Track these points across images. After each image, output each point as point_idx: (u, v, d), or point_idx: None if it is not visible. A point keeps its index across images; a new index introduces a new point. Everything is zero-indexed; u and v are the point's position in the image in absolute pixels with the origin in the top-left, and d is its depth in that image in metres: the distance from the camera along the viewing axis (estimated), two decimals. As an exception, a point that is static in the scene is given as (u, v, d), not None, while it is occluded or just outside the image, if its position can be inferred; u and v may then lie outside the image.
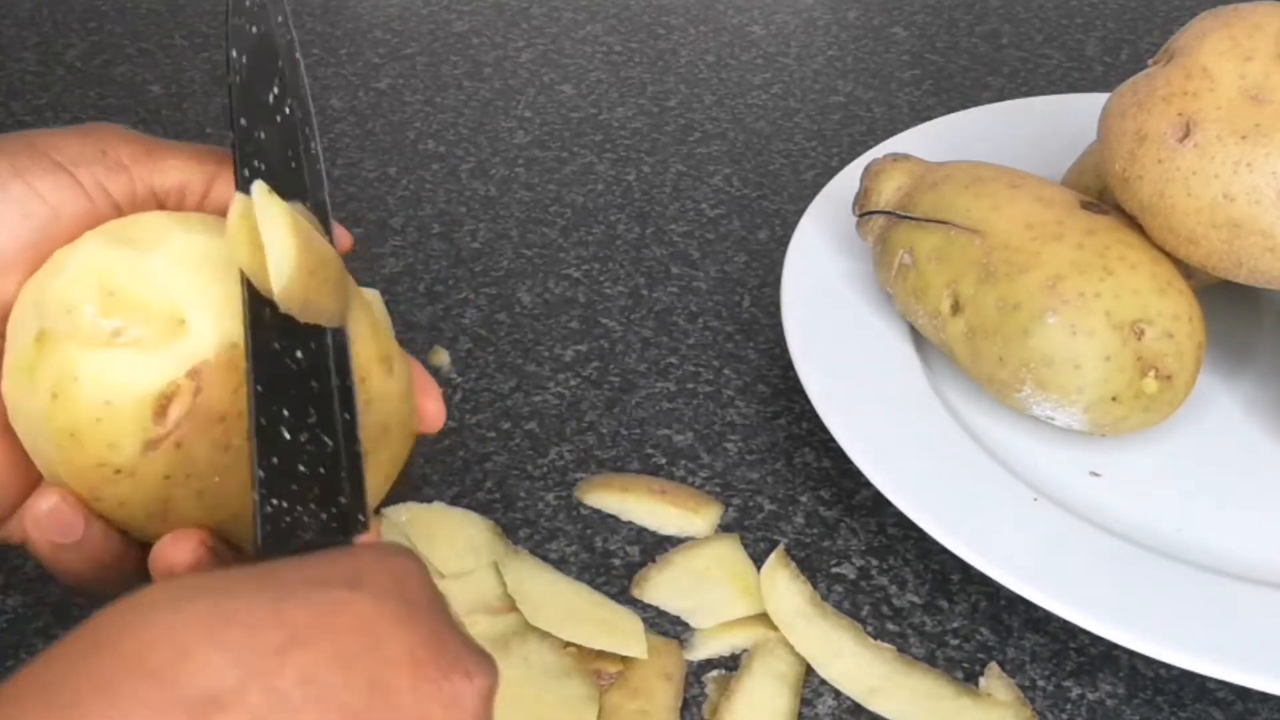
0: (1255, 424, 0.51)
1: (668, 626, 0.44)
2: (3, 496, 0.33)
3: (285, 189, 0.32)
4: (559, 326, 0.57)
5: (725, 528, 0.48)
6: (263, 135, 0.34)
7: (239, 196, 0.31)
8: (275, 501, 0.30)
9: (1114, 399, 0.45)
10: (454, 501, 0.48)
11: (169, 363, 0.31)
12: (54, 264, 0.32)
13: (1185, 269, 0.47)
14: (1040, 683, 0.43)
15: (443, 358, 0.54)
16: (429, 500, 0.47)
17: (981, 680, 0.43)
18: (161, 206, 0.35)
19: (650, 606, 0.44)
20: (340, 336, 0.32)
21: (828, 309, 0.53)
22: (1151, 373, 0.44)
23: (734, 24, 0.80)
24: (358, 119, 0.70)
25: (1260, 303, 0.56)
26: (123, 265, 0.32)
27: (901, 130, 0.64)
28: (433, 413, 0.37)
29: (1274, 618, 0.42)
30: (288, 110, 0.34)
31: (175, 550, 0.31)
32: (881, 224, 0.51)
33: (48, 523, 0.32)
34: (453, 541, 0.46)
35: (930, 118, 0.65)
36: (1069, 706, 0.42)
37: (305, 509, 0.30)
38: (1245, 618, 0.42)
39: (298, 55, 0.35)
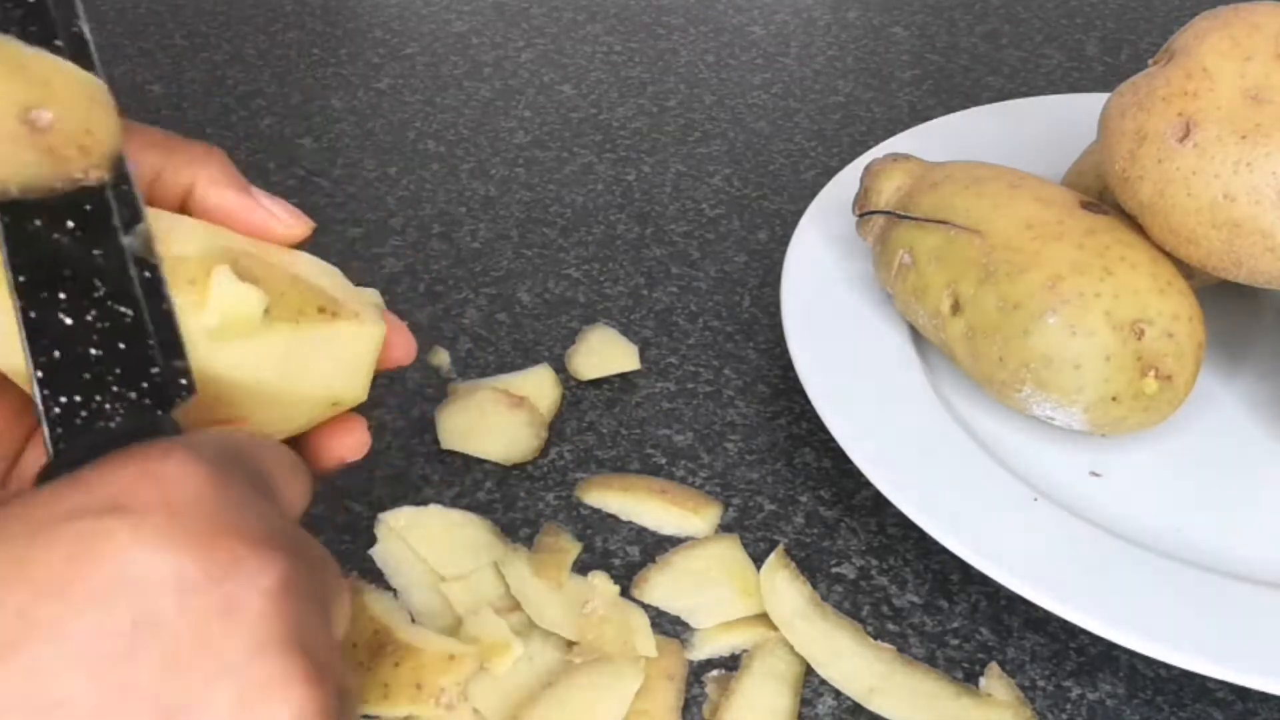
0: (1255, 423, 0.51)
1: (668, 626, 0.44)
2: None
3: (28, 26, 0.28)
4: (559, 326, 0.57)
5: (725, 528, 0.48)
6: None
7: None
8: (65, 399, 0.27)
9: (1114, 399, 0.45)
10: (453, 502, 0.48)
11: None
12: None
13: (1185, 269, 0.47)
14: (1040, 683, 0.43)
15: (443, 358, 0.54)
16: (427, 502, 0.47)
17: (981, 680, 0.42)
18: None
19: (650, 606, 0.44)
20: (125, 186, 0.29)
21: (828, 309, 0.53)
22: (1151, 373, 0.44)
23: (734, 24, 0.80)
24: (358, 119, 0.70)
25: (1260, 303, 0.56)
26: None
27: (901, 130, 0.64)
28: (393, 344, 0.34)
29: (1274, 618, 0.42)
30: None
31: None
32: (881, 224, 0.51)
33: None
34: (453, 542, 0.46)
35: (930, 118, 0.65)
36: (1069, 706, 0.42)
37: (106, 395, 0.27)
38: (1245, 618, 0.42)
39: None
